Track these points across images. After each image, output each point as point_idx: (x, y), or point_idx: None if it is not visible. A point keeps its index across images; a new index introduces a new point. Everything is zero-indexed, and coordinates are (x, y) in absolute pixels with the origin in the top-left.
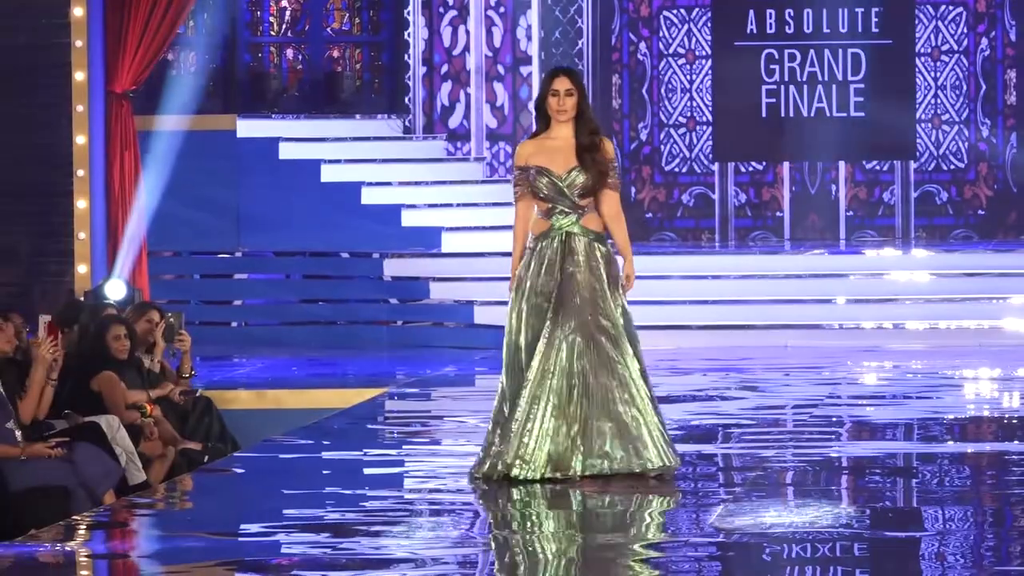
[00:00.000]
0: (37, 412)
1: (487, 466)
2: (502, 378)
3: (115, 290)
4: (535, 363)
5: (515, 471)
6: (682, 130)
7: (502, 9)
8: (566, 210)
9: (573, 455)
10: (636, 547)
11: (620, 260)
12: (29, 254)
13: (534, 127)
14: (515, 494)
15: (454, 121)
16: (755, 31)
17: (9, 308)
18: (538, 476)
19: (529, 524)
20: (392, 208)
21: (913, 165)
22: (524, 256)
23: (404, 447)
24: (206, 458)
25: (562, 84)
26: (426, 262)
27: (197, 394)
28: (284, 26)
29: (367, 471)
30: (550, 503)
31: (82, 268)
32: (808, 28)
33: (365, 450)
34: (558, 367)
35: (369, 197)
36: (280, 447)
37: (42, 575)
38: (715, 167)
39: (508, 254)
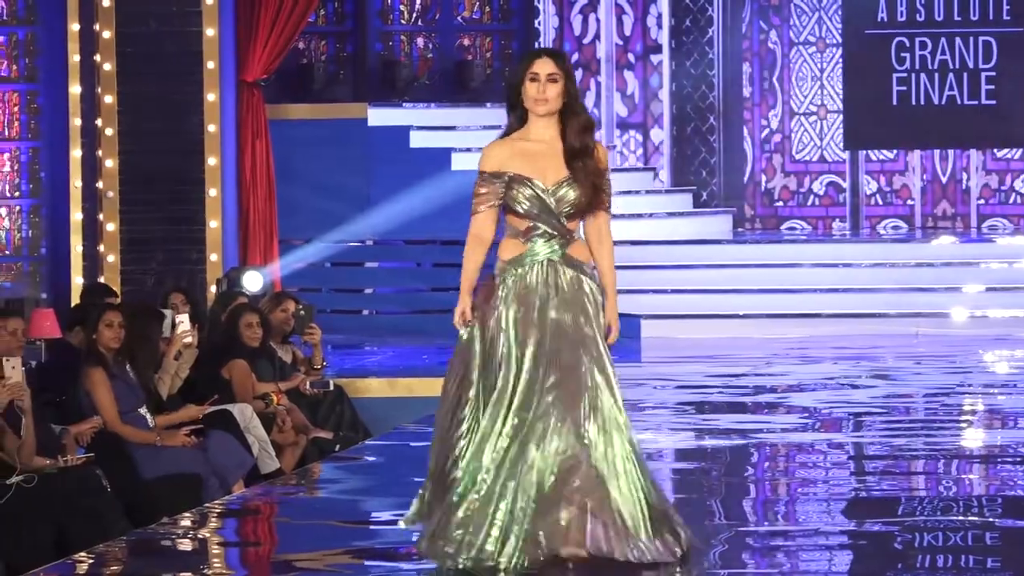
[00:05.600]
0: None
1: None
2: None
3: (253, 282)
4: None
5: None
6: (813, 118)
7: None
8: (550, 232)
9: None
10: (765, 535)
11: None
12: (163, 241)
13: (666, 115)
14: None
15: None
16: (886, 19)
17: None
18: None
19: None
20: None
21: None
22: (485, 285)
23: None
24: (337, 447)
25: (544, 67)
26: None
27: (330, 387)
28: (415, 14)
29: None
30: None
31: (213, 256)
32: (939, 16)
33: None
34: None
35: None
36: (411, 435)
37: (175, 562)
38: (846, 155)
39: (638, 242)
